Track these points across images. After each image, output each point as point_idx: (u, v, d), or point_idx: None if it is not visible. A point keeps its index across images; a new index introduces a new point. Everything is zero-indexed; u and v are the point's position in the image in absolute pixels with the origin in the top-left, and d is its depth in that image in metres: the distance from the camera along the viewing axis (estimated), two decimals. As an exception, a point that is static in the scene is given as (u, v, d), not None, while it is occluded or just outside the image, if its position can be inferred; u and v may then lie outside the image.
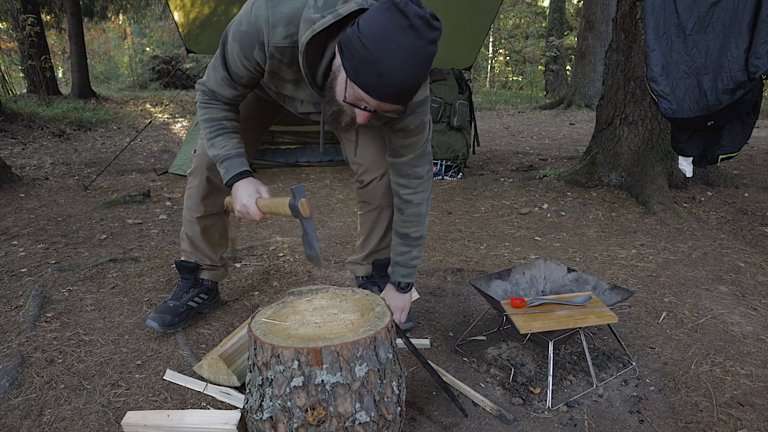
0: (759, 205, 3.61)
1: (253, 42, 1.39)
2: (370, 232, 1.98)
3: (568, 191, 4.00)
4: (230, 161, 1.56)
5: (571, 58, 16.85)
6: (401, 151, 1.63)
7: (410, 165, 1.65)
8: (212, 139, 1.58)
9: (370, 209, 1.94)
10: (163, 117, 9.77)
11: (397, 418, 1.26)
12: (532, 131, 8.91)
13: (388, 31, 1.16)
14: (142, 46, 23.54)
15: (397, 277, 1.77)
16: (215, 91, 1.56)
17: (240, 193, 1.52)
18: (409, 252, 1.75)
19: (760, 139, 7.01)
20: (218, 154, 1.57)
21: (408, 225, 1.73)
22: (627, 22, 3.83)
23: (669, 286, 2.33)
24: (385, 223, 1.94)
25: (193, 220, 1.92)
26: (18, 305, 2.11)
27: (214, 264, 2.01)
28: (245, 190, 1.52)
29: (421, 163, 1.66)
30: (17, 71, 13.25)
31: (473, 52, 5.43)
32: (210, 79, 1.56)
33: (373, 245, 1.99)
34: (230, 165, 1.55)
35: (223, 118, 1.59)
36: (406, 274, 1.77)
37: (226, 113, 1.60)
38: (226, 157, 1.56)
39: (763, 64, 2.30)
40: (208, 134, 1.59)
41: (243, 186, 1.53)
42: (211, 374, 1.59)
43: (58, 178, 4.65)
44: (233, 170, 1.55)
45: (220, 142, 1.57)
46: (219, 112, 1.59)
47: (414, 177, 1.67)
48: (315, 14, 1.29)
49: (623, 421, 1.45)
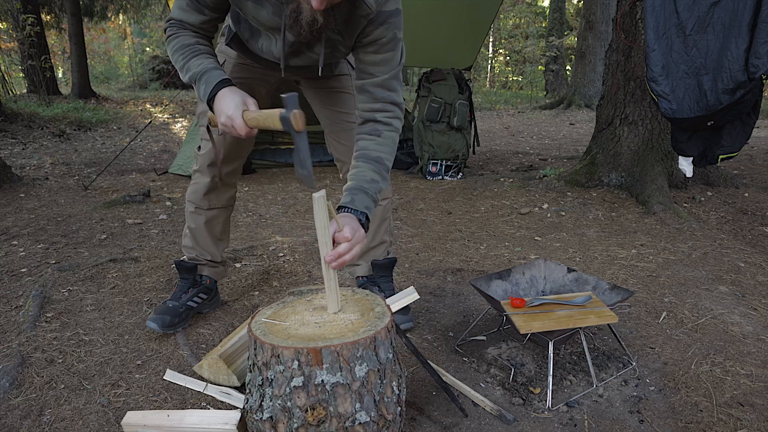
0: (759, 205, 3.61)
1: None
2: None
3: (568, 191, 4.00)
4: (209, 74, 1.41)
5: (571, 58, 16.85)
6: (372, 69, 1.51)
7: (384, 87, 1.52)
8: (186, 63, 1.45)
9: None
10: (163, 117, 9.77)
11: (397, 418, 1.26)
12: (532, 131, 8.91)
13: None
14: (142, 46, 23.55)
15: (360, 205, 1.43)
16: (182, 20, 1.49)
17: (224, 104, 1.34)
18: (377, 183, 1.49)
19: (760, 139, 7.01)
20: (194, 72, 1.43)
21: (383, 149, 1.52)
22: (627, 22, 3.83)
23: (669, 286, 2.33)
24: (377, 218, 1.95)
25: (196, 212, 1.94)
26: (18, 305, 2.11)
27: (214, 260, 2.02)
28: (231, 100, 1.34)
29: (395, 87, 1.53)
30: (17, 71, 13.25)
31: (473, 52, 5.43)
32: (175, 8, 1.50)
33: (368, 241, 1.99)
34: (209, 77, 1.41)
35: (196, 43, 1.49)
36: (368, 206, 1.46)
37: (198, 39, 1.50)
38: (204, 71, 1.41)
39: (763, 64, 2.30)
40: (180, 61, 1.46)
41: (227, 95, 1.35)
42: (211, 374, 1.59)
43: (58, 178, 4.65)
44: (213, 80, 1.39)
45: (194, 61, 1.45)
46: (189, 38, 1.49)
47: (390, 102, 1.53)
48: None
49: (623, 421, 1.45)
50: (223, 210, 1.98)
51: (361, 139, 1.55)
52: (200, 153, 1.88)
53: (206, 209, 1.94)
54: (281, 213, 3.58)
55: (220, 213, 1.98)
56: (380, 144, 1.53)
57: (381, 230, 1.98)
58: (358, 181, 1.48)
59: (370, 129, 1.54)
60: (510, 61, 23.46)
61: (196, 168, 1.91)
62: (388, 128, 1.54)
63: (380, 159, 1.51)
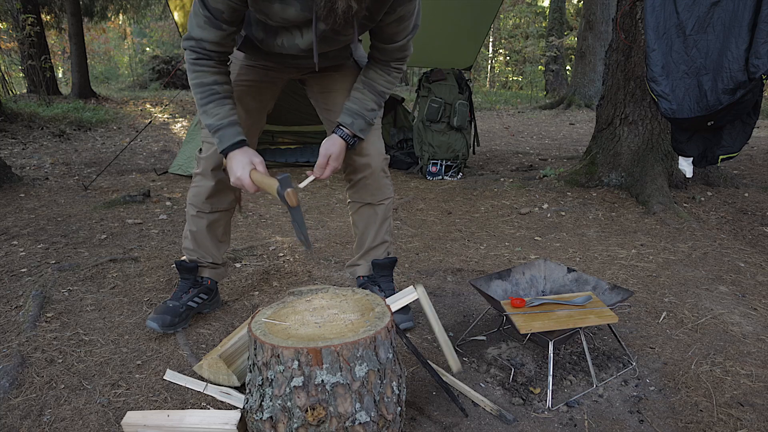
0: (759, 205, 3.61)
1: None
2: (365, 229, 1.99)
3: (568, 191, 4.00)
4: (224, 131, 1.56)
5: (571, 58, 16.85)
6: (395, 38, 1.62)
7: (400, 50, 1.67)
8: (204, 106, 1.57)
9: (361, 206, 1.96)
10: (163, 117, 9.77)
11: (397, 418, 1.26)
12: (532, 131, 8.91)
13: None
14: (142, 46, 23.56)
15: (357, 129, 1.71)
16: (201, 39, 1.52)
17: (234, 165, 1.54)
18: (374, 111, 1.73)
19: (760, 139, 7.01)
20: (211, 124, 1.57)
21: (388, 85, 1.74)
22: (627, 22, 3.83)
23: (669, 286, 2.33)
24: (378, 218, 1.96)
25: (198, 215, 1.93)
26: (18, 305, 2.11)
27: (216, 262, 2.02)
28: (239, 161, 1.54)
29: (409, 47, 1.69)
30: (17, 71, 13.25)
31: (473, 52, 5.43)
32: (192, 27, 1.52)
33: (369, 241, 2.00)
34: (224, 135, 1.56)
35: (213, 83, 1.57)
36: (363, 130, 1.73)
37: (216, 76, 1.58)
38: (219, 126, 1.56)
39: (763, 64, 2.30)
40: (199, 100, 1.58)
41: (237, 157, 1.54)
42: (211, 374, 1.59)
43: (58, 178, 4.65)
44: (227, 141, 1.56)
45: (213, 109, 1.57)
46: (208, 76, 1.57)
47: (403, 58, 1.71)
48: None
49: (623, 421, 1.45)
50: (224, 213, 1.97)
51: (371, 70, 1.72)
52: (202, 156, 1.85)
53: (208, 213, 1.92)
54: (281, 213, 3.58)
55: (222, 216, 1.97)
56: (387, 81, 1.73)
57: (382, 230, 1.98)
58: (360, 107, 1.71)
59: (382, 66, 1.72)
60: (510, 61, 23.47)
61: (198, 171, 1.89)
62: (396, 71, 1.74)
63: (383, 93, 1.73)
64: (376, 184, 1.89)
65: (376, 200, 1.93)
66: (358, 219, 2.00)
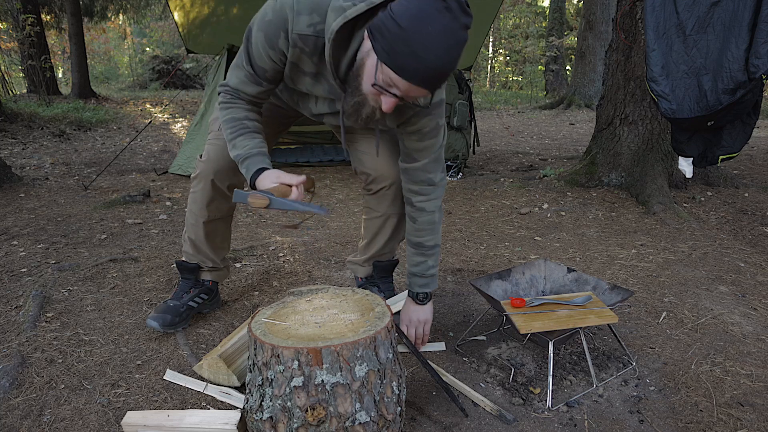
0: (759, 205, 3.61)
1: (279, 30, 1.38)
2: (374, 237, 1.97)
3: (568, 191, 4.00)
4: (251, 159, 1.50)
5: (571, 58, 16.85)
6: (415, 155, 1.62)
7: (424, 171, 1.64)
8: (233, 139, 1.53)
9: (376, 216, 1.92)
10: (163, 117, 9.77)
11: (397, 418, 1.26)
12: (532, 131, 8.91)
13: (424, 11, 1.17)
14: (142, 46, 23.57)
15: (415, 288, 1.72)
16: (239, 89, 1.53)
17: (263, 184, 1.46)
18: (425, 261, 1.71)
19: (760, 139, 7.01)
20: (239, 154, 1.52)
21: (422, 234, 1.70)
22: (627, 22, 3.83)
23: (669, 286, 2.33)
24: (390, 230, 1.93)
25: (197, 223, 1.88)
26: (18, 305, 2.11)
27: (216, 265, 2.01)
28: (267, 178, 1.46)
29: (434, 169, 1.65)
30: (17, 71, 13.25)
31: (473, 52, 5.43)
32: (232, 77, 1.53)
33: (376, 250, 1.98)
34: (250, 163, 1.50)
35: (245, 118, 1.55)
36: (423, 284, 1.72)
37: (248, 113, 1.56)
38: (247, 155, 1.51)
39: (763, 64, 2.30)
40: (229, 135, 1.55)
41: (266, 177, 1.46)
42: (211, 374, 1.59)
43: (58, 178, 4.65)
44: (253, 167, 1.49)
45: (241, 142, 1.53)
46: (240, 112, 1.55)
47: (427, 183, 1.66)
48: (345, 2, 1.30)
49: (623, 421, 1.45)
50: (223, 220, 1.93)
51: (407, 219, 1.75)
52: (202, 160, 1.79)
53: (206, 222, 1.87)
54: (281, 213, 3.58)
55: (221, 224, 1.93)
56: (417, 230, 1.70)
57: (393, 242, 1.98)
58: (410, 266, 1.74)
59: (409, 211, 1.73)
60: (510, 61, 23.47)
61: (196, 174, 1.83)
62: (422, 214, 1.69)
63: (420, 244, 1.70)
64: (393, 196, 1.84)
65: (393, 212, 1.88)
66: (370, 225, 1.96)
